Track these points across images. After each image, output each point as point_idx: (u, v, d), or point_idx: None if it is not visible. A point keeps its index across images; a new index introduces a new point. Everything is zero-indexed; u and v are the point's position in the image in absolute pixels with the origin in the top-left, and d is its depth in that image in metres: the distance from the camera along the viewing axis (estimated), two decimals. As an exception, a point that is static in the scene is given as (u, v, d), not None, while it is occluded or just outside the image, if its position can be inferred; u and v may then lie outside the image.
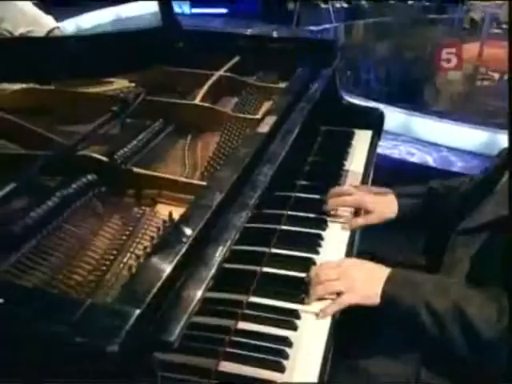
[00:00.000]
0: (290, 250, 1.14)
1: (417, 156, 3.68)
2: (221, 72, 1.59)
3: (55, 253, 0.84)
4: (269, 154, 1.09)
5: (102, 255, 0.87)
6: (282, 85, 1.66)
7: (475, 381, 0.96)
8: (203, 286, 0.71)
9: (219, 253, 0.78)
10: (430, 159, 3.64)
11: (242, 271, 0.99)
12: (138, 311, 0.56)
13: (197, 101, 1.38)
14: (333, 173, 1.50)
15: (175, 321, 0.63)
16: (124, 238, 0.91)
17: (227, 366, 0.84)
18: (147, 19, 7.47)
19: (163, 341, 0.60)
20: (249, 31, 1.98)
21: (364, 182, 1.53)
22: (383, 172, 1.95)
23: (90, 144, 1.15)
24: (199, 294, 0.69)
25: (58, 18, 5.34)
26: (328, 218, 1.26)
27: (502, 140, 3.55)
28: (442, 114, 4.12)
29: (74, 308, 0.55)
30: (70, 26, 6.22)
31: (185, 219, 0.81)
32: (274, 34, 1.94)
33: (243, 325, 0.93)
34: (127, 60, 1.65)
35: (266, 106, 1.52)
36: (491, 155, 3.58)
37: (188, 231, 0.76)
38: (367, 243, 1.35)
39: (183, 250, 0.71)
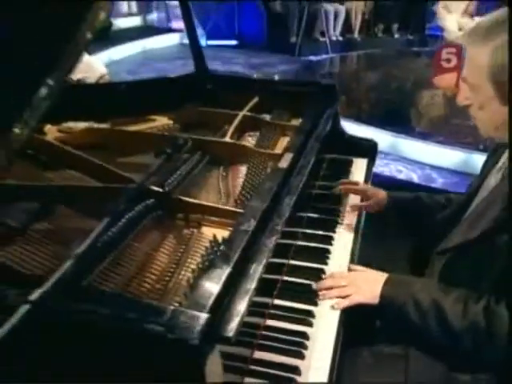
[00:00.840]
0: (305, 261, 1.24)
1: (404, 173, 3.77)
2: (244, 112, 1.69)
3: (127, 265, 0.96)
4: (289, 186, 1.19)
5: (164, 268, 0.98)
6: (294, 122, 1.77)
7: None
8: (249, 294, 0.83)
9: (258, 268, 0.90)
10: (414, 176, 3.72)
11: (269, 280, 1.09)
12: (207, 315, 0.69)
13: (227, 138, 1.49)
14: (337, 195, 1.57)
15: (232, 321, 0.75)
16: (179, 254, 1.02)
17: (260, 355, 0.95)
18: (170, 50, 7.62)
19: (225, 336, 0.72)
20: (266, 76, 2.06)
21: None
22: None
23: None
24: (246, 299, 0.81)
25: (93, 51, 5.52)
26: (335, 235, 1.37)
27: (477, 159, 3.66)
28: (424, 136, 4.19)
29: (163, 312, 0.68)
30: (104, 57, 6.34)
31: (229, 242, 0.93)
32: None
33: (271, 322, 1.03)
34: (167, 101, 1.78)
35: (282, 140, 1.62)
36: (468, 172, 3.70)
37: (232, 252, 0.89)
38: (365, 257, 1.44)
39: (230, 266, 0.84)
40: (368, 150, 1.89)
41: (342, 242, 1.36)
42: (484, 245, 1.03)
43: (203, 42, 7.89)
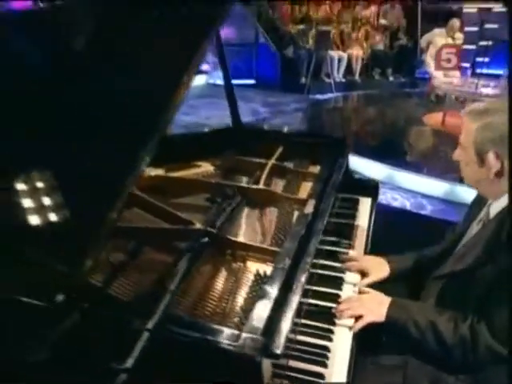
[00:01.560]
0: (324, 287, 1.33)
1: (399, 201, 3.85)
2: (272, 161, 1.79)
3: (192, 293, 1.09)
4: (314, 229, 1.30)
5: (220, 295, 1.10)
6: (312, 168, 1.87)
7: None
8: (290, 318, 0.95)
9: (295, 298, 1.02)
10: (408, 204, 3.81)
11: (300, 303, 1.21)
12: (263, 338, 0.82)
13: (261, 185, 1.59)
14: (348, 229, 1.68)
15: (278, 340, 0.87)
16: (231, 284, 1.14)
17: (294, 363, 1.06)
18: (198, 89, 7.74)
19: (275, 353, 0.84)
20: (287, 129, 2.17)
21: (367, 234, 1.69)
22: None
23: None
24: (288, 322, 0.94)
25: None
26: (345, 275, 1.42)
27: (460, 190, 3.75)
28: (416, 167, 4.25)
29: (233, 336, 0.82)
30: None
31: (271, 278, 1.07)
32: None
33: (301, 337, 1.14)
34: (210, 150, 1.89)
35: (304, 185, 1.72)
36: (453, 201, 3.78)
37: (274, 286, 1.02)
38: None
39: (274, 297, 0.98)
40: (371, 189, 1.96)
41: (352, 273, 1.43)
42: (467, 276, 1.14)
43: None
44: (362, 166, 4.36)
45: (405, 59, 8.23)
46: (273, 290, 1.01)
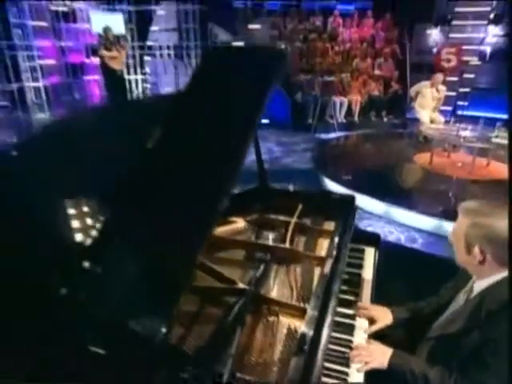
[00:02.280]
0: (338, 332, 1.41)
1: (394, 234, 3.93)
2: (294, 219, 1.87)
3: (238, 345, 1.19)
4: (331, 289, 1.40)
5: (261, 347, 1.19)
6: (327, 225, 1.94)
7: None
8: (318, 368, 1.08)
9: (322, 352, 1.14)
10: (402, 237, 3.88)
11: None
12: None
13: (287, 244, 1.68)
14: (357, 279, 1.74)
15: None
16: (270, 336, 1.24)
17: None
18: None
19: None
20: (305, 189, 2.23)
21: (372, 283, 1.76)
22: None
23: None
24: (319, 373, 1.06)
25: None
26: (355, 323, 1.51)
27: (447, 225, 3.82)
28: (408, 203, 4.31)
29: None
30: None
31: (302, 334, 1.18)
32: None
33: (324, 379, 1.22)
34: (243, 208, 1.99)
35: (322, 242, 1.80)
36: (440, 234, 3.84)
37: (306, 341, 1.14)
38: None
39: (306, 351, 1.10)
40: (375, 241, 2.04)
41: (362, 321, 1.52)
42: (454, 340, 1.21)
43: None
44: (363, 201, 4.45)
45: (397, 103, 8.38)
46: (305, 346, 1.12)
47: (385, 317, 1.53)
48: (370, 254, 1.99)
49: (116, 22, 8.98)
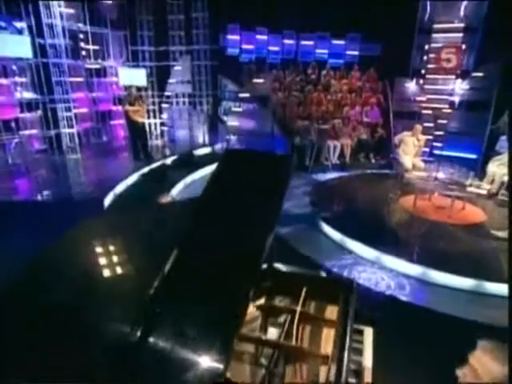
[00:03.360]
0: None
1: (385, 281, 3.81)
2: (299, 307, 1.76)
3: None
4: None
5: None
6: (330, 309, 1.84)
7: None
8: None
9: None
10: (392, 283, 3.77)
11: None
12: None
13: (293, 341, 1.59)
14: (357, 365, 1.64)
15: None
16: None
17: None
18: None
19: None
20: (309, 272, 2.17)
21: (372, 365, 1.65)
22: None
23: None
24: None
25: (182, 175, 5.84)
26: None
27: (434, 274, 3.78)
28: (397, 249, 4.24)
29: None
30: (188, 179, 6.70)
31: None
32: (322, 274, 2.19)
33: None
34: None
35: (325, 332, 1.70)
36: (426, 281, 3.79)
37: None
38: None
39: None
40: (372, 322, 1.92)
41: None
42: None
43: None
44: (357, 248, 4.43)
45: (382, 146, 8.39)
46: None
47: None
48: (368, 335, 1.87)
49: (139, 76, 9.21)
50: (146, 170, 6.65)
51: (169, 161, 7.18)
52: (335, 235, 4.73)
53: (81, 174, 6.89)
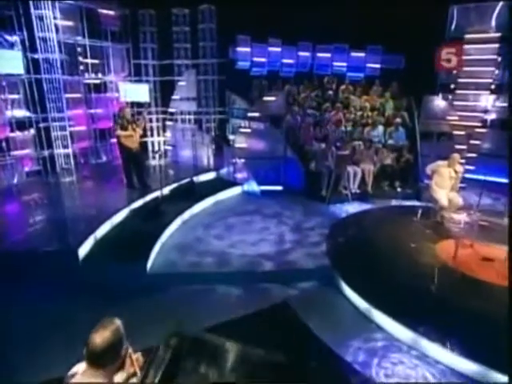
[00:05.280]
0: None
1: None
2: None
3: None
4: None
5: None
6: None
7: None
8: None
9: None
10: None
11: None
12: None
13: None
14: None
15: None
16: None
17: None
18: (235, 200, 7.19)
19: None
20: None
21: None
22: None
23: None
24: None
25: (183, 208, 4.93)
26: None
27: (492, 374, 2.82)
28: (441, 333, 3.33)
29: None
30: (186, 215, 6.00)
31: None
32: None
33: None
34: None
35: None
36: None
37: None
38: None
39: None
40: None
41: None
42: None
43: (256, 187, 7.48)
44: (388, 324, 3.49)
45: (409, 173, 7.40)
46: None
47: None
48: None
49: (142, 92, 8.51)
50: (138, 203, 5.85)
51: (167, 190, 6.36)
52: (358, 302, 3.79)
53: (64, 207, 5.71)
